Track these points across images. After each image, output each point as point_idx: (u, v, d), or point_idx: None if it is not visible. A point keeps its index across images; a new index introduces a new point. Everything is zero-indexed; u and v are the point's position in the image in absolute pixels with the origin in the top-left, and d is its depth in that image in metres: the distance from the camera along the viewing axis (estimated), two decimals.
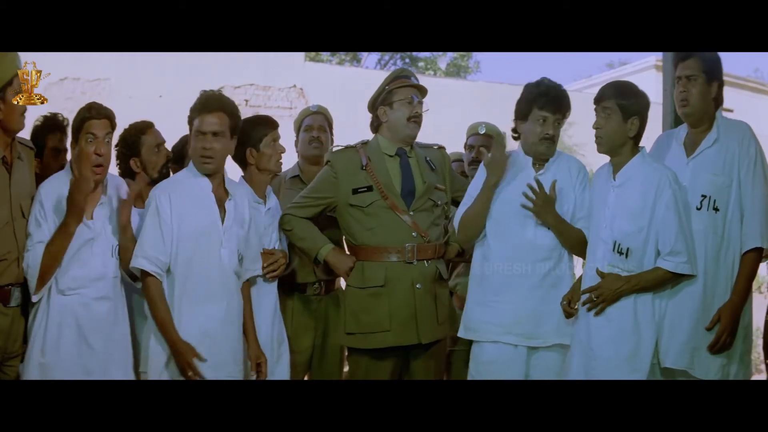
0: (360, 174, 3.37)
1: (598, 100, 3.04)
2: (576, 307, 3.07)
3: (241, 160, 3.36)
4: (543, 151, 3.18)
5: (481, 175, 3.25)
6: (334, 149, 3.53)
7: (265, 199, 3.37)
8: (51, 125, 3.49)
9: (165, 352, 2.97)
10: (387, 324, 3.30)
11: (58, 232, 2.90)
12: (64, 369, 2.91)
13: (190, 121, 3.05)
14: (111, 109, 3.06)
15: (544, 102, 3.13)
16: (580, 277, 3.12)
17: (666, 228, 2.90)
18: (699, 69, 3.05)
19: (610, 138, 3.01)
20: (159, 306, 2.95)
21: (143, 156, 3.39)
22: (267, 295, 3.33)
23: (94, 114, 3.00)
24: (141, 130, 3.41)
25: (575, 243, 3.15)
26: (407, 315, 3.30)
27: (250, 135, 3.31)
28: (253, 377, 3.13)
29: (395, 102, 3.38)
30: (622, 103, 2.98)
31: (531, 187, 3.09)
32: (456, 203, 3.55)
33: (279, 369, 3.32)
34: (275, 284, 3.38)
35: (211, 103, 3.03)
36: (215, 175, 3.08)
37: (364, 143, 3.48)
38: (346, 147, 3.47)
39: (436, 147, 3.59)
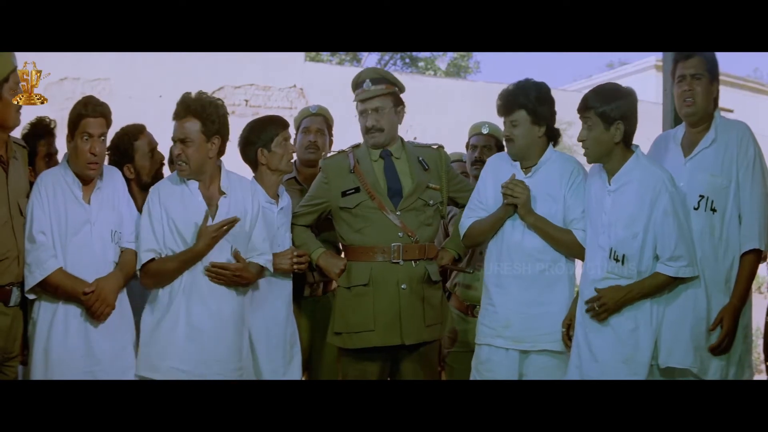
0: (348, 177, 3.41)
1: (580, 110, 3.02)
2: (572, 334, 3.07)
3: (251, 161, 3.36)
4: (508, 152, 3.26)
5: (486, 182, 3.28)
6: (327, 156, 3.58)
7: (277, 199, 3.37)
8: (40, 132, 3.42)
9: (151, 355, 3.00)
10: (371, 324, 3.32)
11: (67, 294, 2.94)
12: (71, 358, 2.93)
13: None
14: (107, 105, 3.07)
15: (498, 109, 3.23)
16: (575, 301, 3.10)
17: (665, 233, 2.89)
18: (703, 68, 3.05)
19: (595, 148, 2.99)
20: (169, 262, 3.01)
21: (137, 162, 3.38)
22: (281, 298, 3.34)
23: (90, 111, 2.99)
24: (133, 136, 3.39)
25: (561, 245, 3.13)
26: (391, 315, 3.31)
27: (261, 135, 3.32)
28: (243, 375, 3.11)
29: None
30: (602, 111, 2.94)
31: (509, 187, 3.12)
32: (453, 202, 3.57)
33: (291, 370, 3.34)
34: (289, 287, 3.38)
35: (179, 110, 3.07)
36: (202, 176, 3.11)
37: (355, 146, 3.52)
38: (338, 152, 3.53)
39: (435, 146, 3.58)
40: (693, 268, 2.91)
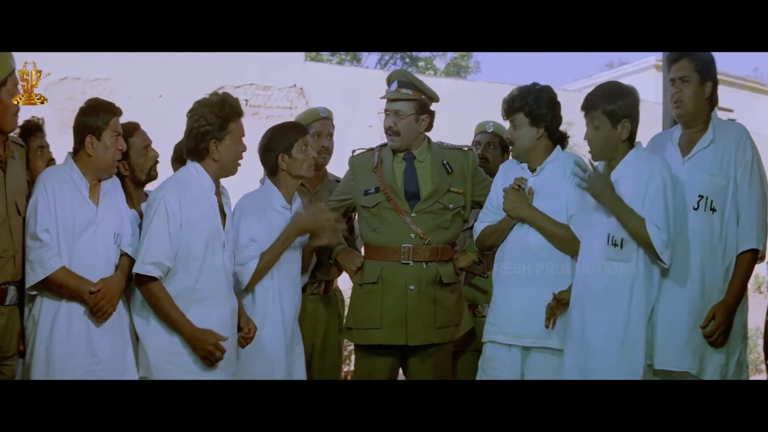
0: (371, 176, 3.47)
1: (585, 109, 3.03)
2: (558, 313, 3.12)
3: (270, 167, 3.36)
4: (512, 155, 3.34)
5: (497, 187, 3.31)
6: (356, 152, 3.62)
7: (292, 203, 3.38)
8: (30, 130, 3.39)
9: (162, 353, 2.98)
10: (378, 322, 3.37)
11: (71, 292, 2.93)
12: (73, 357, 2.92)
13: (223, 126, 3.03)
14: None
15: (501, 113, 3.30)
16: (570, 287, 3.10)
17: (653, 210, 2.89)
18: (692, 69, 3.04)
19: (602, 147, 3.02)
20: (169, 304, 2.95)
21: (131, 159, 3.32)
22: (290, 298, 3.34)
23: (118, 111, 3.06)
24: (128, 133, 3.33)
25: (558, 239, 3.13)
26: (397, 315, 3.35)
27: (282, 141, 3.32)
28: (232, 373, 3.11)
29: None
30: (610, 109, 2.96)
31: (505, 189, 3.20)
32: (479, 206, 3.54)
33: (296, 371, 3.35)
34: (299, 288, 3.40)
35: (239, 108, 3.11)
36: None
37: (383, 146, 3.55)
38: (367, 150, 3.58)
39: (465, 149, 3.60)
40: (666, 253, 2.88)
